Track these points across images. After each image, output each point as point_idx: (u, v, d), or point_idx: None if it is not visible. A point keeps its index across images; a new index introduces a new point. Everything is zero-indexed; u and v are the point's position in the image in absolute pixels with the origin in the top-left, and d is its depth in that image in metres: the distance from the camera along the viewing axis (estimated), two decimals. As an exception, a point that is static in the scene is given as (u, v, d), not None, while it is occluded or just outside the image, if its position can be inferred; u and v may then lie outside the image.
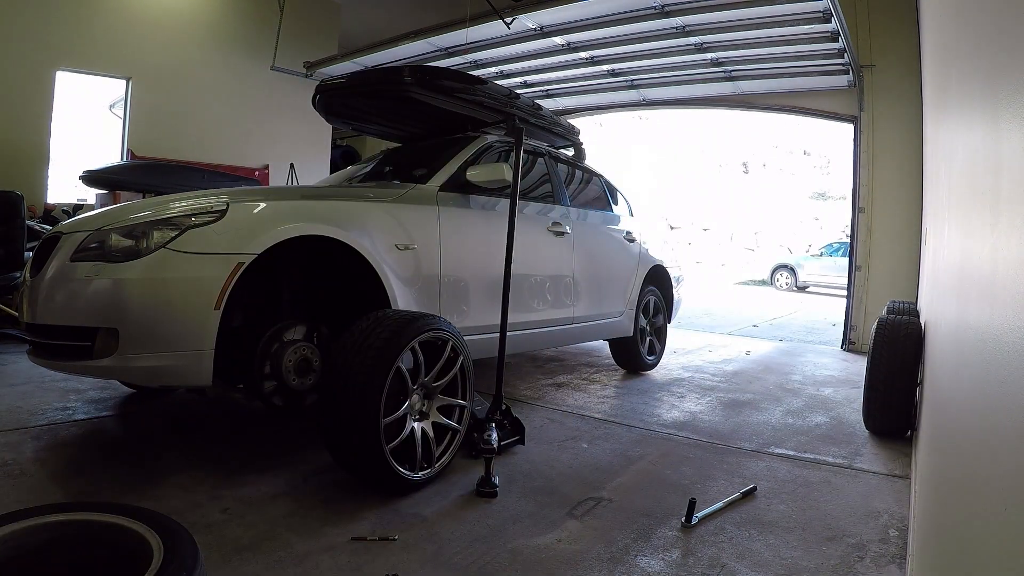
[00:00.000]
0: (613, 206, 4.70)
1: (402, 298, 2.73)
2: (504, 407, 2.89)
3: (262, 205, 2.42)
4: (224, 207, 2.29)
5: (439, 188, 3.12)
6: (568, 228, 3.90)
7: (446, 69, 3.75)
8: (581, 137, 4.70)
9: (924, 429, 2.48)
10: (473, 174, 3.15)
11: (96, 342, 2.16)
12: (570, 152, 4.66)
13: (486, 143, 3.57)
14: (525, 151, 3.97)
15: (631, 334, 4.53)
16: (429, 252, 2.91)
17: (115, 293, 2.13)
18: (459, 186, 3.18)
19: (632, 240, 4.60)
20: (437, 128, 4.04)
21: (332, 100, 3.71)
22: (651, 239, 4.90)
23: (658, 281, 4.91)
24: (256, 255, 2.25)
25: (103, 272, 2.16)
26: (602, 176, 4.76)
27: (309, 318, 2.65)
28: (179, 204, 2.35)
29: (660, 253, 4.94)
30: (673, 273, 5.10)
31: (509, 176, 3.06)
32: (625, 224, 4.66)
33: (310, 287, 2.79)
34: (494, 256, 3.25)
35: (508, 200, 3.26)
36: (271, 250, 2.32)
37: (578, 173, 4.49)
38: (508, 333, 3.30)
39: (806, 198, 29.61)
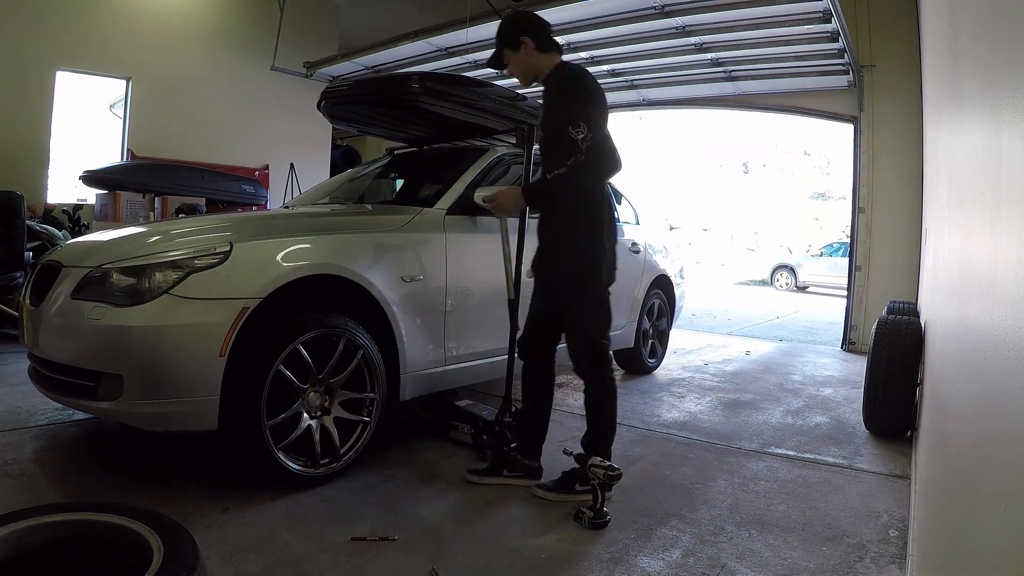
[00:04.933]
0: (619, 215, 4.63)
1: (406, 328, 2.68)
2: (515, 408, 2.80)
3: (266, 244, 2.35)
4: (228, 247, 2.23)
5: (446, 212, 3.01)
6: None
7: (454, 76, 3.72)
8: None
9: (924, 429, 2.48)
10: (481, 195, 3.08)
11: (100, 385, 2.15)
12: None
13: (496, 156, 3.45)
14: (533, 162, 3.90)
15: (632, 345, 4.49)
16: (435, 282, 2.84)
17: (118, 340, 2.10)
18: (467, 208, 3.06)
19: (637, 252, 4.47)
20: (444, 133, 4.00)
21: (337, 106, 3.68)
22: (656, 248, 4.79)
23: (662, 286, 4.86)
24: (261, 299, 2.21)
25: (106, 316, 2.12)
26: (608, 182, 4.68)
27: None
28: (182, 240, 2.32)
29: (665, 262, 4.84)
30: (676, 281, 5.04)
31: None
32: (630, 234, 4.52)
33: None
34: (499, 281, 3.20)
35: (515, 219, 3.23)
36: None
37: None
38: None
39: (806, 198, 29.61)
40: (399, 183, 4.29)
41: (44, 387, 2.41)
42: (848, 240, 7.00)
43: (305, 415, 2.35)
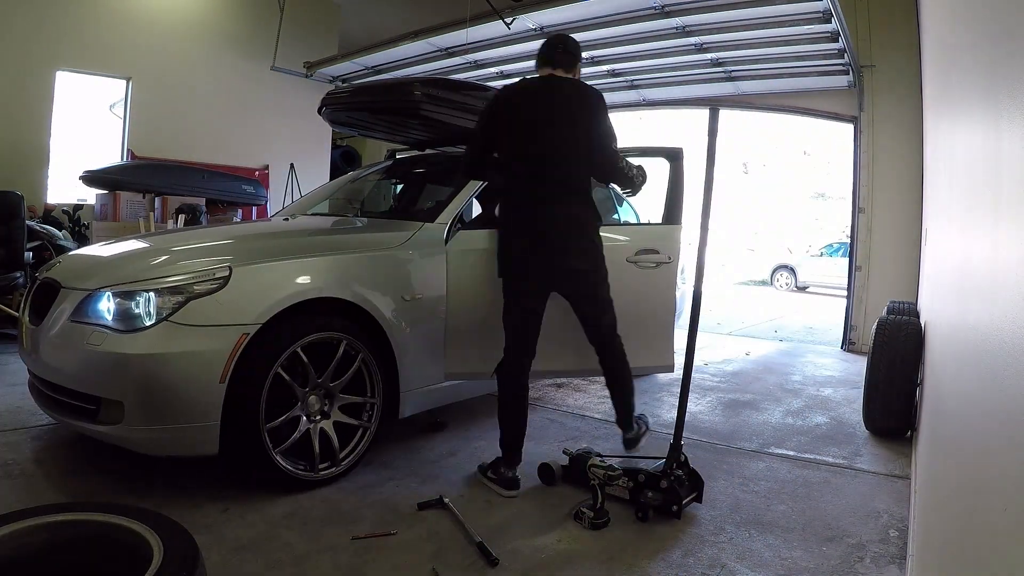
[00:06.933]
0: (621, 220, 4.57)
1: (406, 347, 2.66)
2: (683, 458, 2.40)
3: (266, 268, 2.32)
4: (227, 272, 2.21)
5: (448, 226, 2.95)
6: None
7: (456, 81, 3.70)
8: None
9: (924, 429, 2.48)
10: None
11: (100, 410, 2.15)
12: None
13: None
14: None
15: None
16: (436, 299, 2.81)
17: (118, 368, 2.09)
18: (468, 221, 3.03)
19: None
20: (447, 137, 3.98)
21: (338, 112, 3.67)
22: None
23: None
24: (261, 325, 2.19)
25: (105, 343, 2.11)
26: (611, 187, 4.65)
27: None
28: (182, 263, 2.29)
29: None
30: (677, 283, 5.00)
31: None
32: None
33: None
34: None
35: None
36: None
37: None
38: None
39: (806, 198, 29.57)
40: (399, 188, 4.28)
41: (45, 405, 2.41)
42: (848, 240, 6.99)
43: (304, 419, 2.35)
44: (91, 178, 5.80)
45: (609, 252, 2.73)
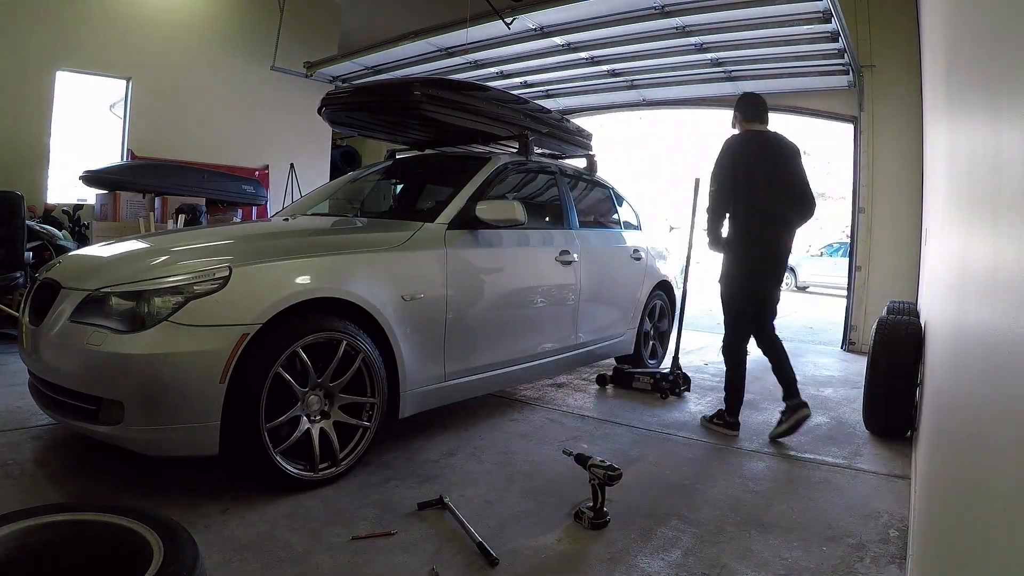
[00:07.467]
0: (621, 221, 4.59)
1: (406, 347, 2.66)
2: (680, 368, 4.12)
3: (266, 268, 2.32)
4: (227, 272, 2.21)
5: (447, 227, 2.96)
6: (576, 255, 3.70)
7: (456, 81, 3.71)
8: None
9: (924, 429, 2.48)
10: (482, 209, 3.00)
11: (100, 410, 2.15)
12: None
13: (499, 166, 3.41)
14: (534, 170, 3.89)
15: (631, 352, 4.50)
16: (436, 299, 2.81)
17: (118, 368, 2.09)
18: (468, 222, 3.03)
19: (639, 259, 4.46)
20: (447, 137, 3.99)
21: (338, 112, 3.67)
22: (658, 252, 4.77)
23: (663, 289, 4.83)
24: (261, 324, 2.19)
25: (106, 343, 2.11)
26: (612, 188, 4.62)
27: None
28: (182, 263, 2.29)
29: (666, 267, 4.83)
30: (677, 283, 5.01)
31: (519, 215, 2.98)
32: (633, 240, 4.51)
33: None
34: (501, 295, 3.19)
35: (517, 232, 3.20)
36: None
37: (587, 189, 4.39)
38: (511, 369, 3.30)
39: (807, 198, 29.53)
40: (399, 188, 4.29)
41: (45, 406, 2.41)
42: (848, 240, 6.99)
43: (304, 419, 2.35)
44: (91, 178, 5.80)
45: None
